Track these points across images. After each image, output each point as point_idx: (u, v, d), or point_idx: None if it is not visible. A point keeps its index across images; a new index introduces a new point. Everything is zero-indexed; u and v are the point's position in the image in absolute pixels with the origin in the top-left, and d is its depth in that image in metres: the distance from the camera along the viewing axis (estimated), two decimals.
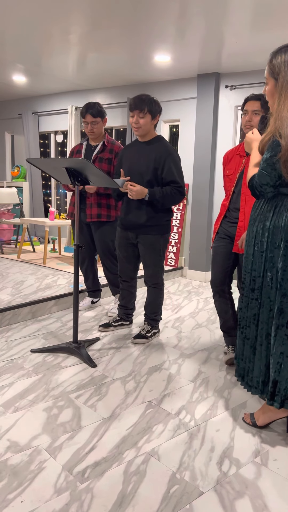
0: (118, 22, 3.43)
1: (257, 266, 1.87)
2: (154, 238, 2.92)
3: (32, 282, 4.23)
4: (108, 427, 2.00)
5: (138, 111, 2.75)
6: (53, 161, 2.61)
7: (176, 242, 5.35)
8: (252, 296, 1.90)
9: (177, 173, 2.81)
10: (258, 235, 1.86)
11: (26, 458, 1.76)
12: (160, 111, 2.85)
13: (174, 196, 2.81)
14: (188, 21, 3.36)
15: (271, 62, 1.77)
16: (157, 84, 5.29)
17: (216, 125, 4.90)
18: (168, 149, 2.81)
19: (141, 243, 2.95)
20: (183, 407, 2.20)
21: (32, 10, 3.25)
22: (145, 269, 3.03)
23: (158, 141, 2.86)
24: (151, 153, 2.82)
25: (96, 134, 3.36)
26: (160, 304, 3.12)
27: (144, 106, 2.74)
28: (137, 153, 2.89)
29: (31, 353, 2.82)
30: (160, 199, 2.78)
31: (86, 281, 3.76)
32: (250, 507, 1.53)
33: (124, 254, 3.08)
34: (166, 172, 2.79)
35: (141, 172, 2.83)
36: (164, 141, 2.88)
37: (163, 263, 3.04)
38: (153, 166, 2.80)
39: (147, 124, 2.79)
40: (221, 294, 2.69)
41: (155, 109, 2.79)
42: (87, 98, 5.94)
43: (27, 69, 4.97)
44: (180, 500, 1.55)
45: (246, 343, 1.96)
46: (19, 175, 6.86)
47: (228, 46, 3.89)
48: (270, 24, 3.36)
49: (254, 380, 1.93)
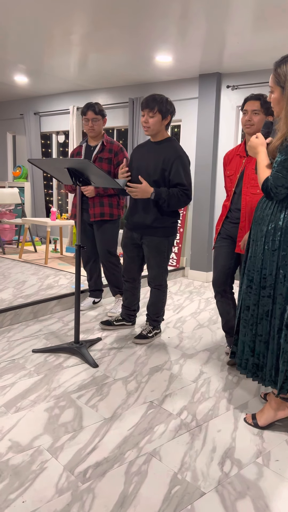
0: (120, 22, 3.43)
1: (268, 264, 1.90)
2: (159, 240, 2.90)
3: (33, 282, 4.23)
4: (110, 427, 2.00)
5: (148, 110, 2.73)
6: (55, 161, 2.61)
7: (178, 242, 5.35)
8: (263, 293, 1.94)
9: (185, 176, 2.78)
10: (269, 234, 1.90)
11: (27, 458, 1.76)
12: (173, 112, 2.81)
13: (180, 198, 2.77)
14: (190, 21, 3.36)
15: (276, 71, 1.84)
16: (158, 84, 5.29)
17: (217, 125, 4.90)
18: (178, 151, 2.78)
19: (146, 245, 2.95)
20: (185, 408, 2.20)
21: (34, 10, 3.25)
22: (149, 270, 3.02)
23: (168, 142, 2.84)
24: (160, 153, 2.80)
25: (96, 132, 3.37)
26: (162, 305, 3.12)
27: (155, 105, 2.71)
28: (146, 153, 2.88)
29: (32, 353, 2.82)
30: (166, 199, 2.75)
31: (89, 280, 3.77)
32: (252, 508, 1.53)
33: (129, 254, 3.07)
34: (173, 174, 2.77)
35: (149, 172, 2.82)
36: (175, 142, 2.85)
37: (167, 265, 3.02)
38: (161, 167, 2.78)
39: (156, 124, 2.76)
40: (223, 294, 2.69)
41: (166, 109, 2.75)
42: (89, 98, 5.94)
43: (29, 69, 4.98)
44: (181, 501, 1.55)
45: (257, 339, 1.98)
46: (20, 175, 6.86)
47: (230, 46, 3.89)
48: (272, 24, 3.35)
49: (267, 373, 1.96)
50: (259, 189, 2.49)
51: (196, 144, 4.99)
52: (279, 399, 2.00)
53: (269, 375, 1.95)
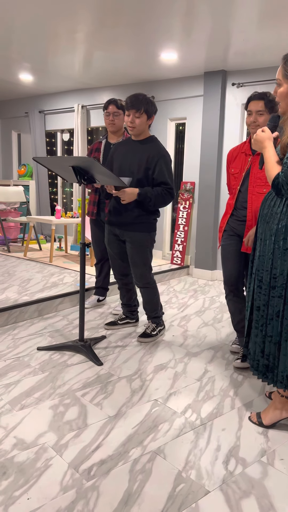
0: (125, 20, 3.42)
1: (279, 264, 1.86)
2: (142, 235, 2.91)
3: (38, 280, 4.24)
4: (114, 425, 2.00)
5: (134, 111, 2.74)
6: (60, 159, 2.61)
7: (183, 241, 5.34)
8: (273, 293, 1.89)
9: (168, 174, 2.83)
10: (279, 232, 1.84)
11: (32, 456, 1.76)
12: (156, 112, 2.85)
13: (165, 197, 2.82)
14: (195, 19, 3.35)
15: (285, 64, 1.80)
16: (163, 82, 5.28)
17: (222, 123, 4.88)
18: (161, 151, 2.81)
19: (129, 241, 2.94)
20: (189, 406, 2.20)
21: (39, 8, 3.25)
22: (133, 269, 3.00)
23: (151, 141, 2.86)
24: (144, 153, 2.82)
25: (117, 126, 3.36)
26: (157, 301, 3.11)
27: (141, 106, 2.72)
28: (129, 151, 2.89)
29: (37, 351, 2.83)
30: (152, 199, 2.79)
31: (98, 276, 3.77)
32: (256, 506, 1.53)
33: (115, 250, 3.07)
34: (157, 173, 2.80)
35: (132, 171, 2.83)
36: (158, 142, 2.89)
37: (151, 261, 3.02)
38: (145, 166, 2.80)
39: (142, 124, 2.78)
40: (236, 293, 2.65)
41: (151, 109, 2.78)
42: (94, 96, 5.94)
43: (33, 67, 4.98)
44: (186, 499, 1.55)
45: (267, 341, 1.94)
46: (25, 174, 6.88)
47: (235, 44, 3.87)
48: (277, 22, 3.33)
49: (279, 375, 1.92)
50: (265, 188, 2.48)
51: (201, 142, 4.98)
52: (284, 399, 1.98)
53: (281, 377, 1.91)
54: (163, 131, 5.41)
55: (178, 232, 5.38)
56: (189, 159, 5.25)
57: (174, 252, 5.39)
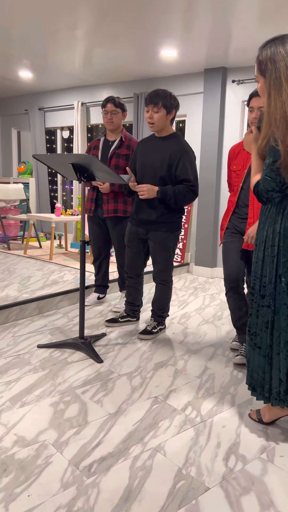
0: (125, 16, 3.41)
1: (268, 271, 1.79)
2: (165, 235, 2.90)
3: (38, 278, 4.24)
4: (114, 422, 2.01)
5: (152, 106, 2.71)
6: (60, 157, 2.61)
7: (183, 238, 5.33)
8: (262, 302, 1.82)
9: (192, 171, 2.77)
10: (268, 239, 1.78)
11: (33, 453, 1.77)
12: (177, 106, 2.79)
13: (186, 195, 2.77)
14: (195, 15, 3.33)
15: (258, 58, 1.66)
16: (163, 79, 5.26)
17: (223, 120, 4.87)
18: (184, 147, 2.76)
19: (152, 240, 2.94)
20: (189, 403, 2.20)
21: (38, 5, 3.24)
22: (154, 266, 3.02)
23: (174, 137, 2.82)
24: (167, 149, 2.78)
25: (115, 125, 3.35)
26: (167, 301, 3.11)
27: (159, 101, 2.69)
28: (152, 148, 2.86)
29: (37, 348, 2.83)
30: (172, 197, 2.75)
31: (97, 274, 3.77)
32: (256, 503, 1.53)
33: (134, 249, 3.06)
34: (180, 170, 2.76)
35: (155, 168, 2.80)
36: (181, 138, 2.83)
37: (173, 260, 3.02)
38: (167, 163, 2.77)
39: (161, 119, 2.74)
40: (236, 290, 2.64)
41: (170, 103, 2.73)
42: (93, 93, 5.93)
43: (33, 64, 4.96)
44: (186, 496, 1.56)
45: (256, 352, 1.87)
46: (25, 171, 6.87)
47: (235, 40, 3.86)
48: (278, 18, 3.32)
49: (273, 391, 1.84)
50: None
51: (201, 139, 4.97)
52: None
53: (275, 393, 1.84)
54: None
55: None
56: None
57: None
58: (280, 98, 1.60)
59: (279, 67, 1.59)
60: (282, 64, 1.59)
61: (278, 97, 1.61)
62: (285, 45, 1.61)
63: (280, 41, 1.62)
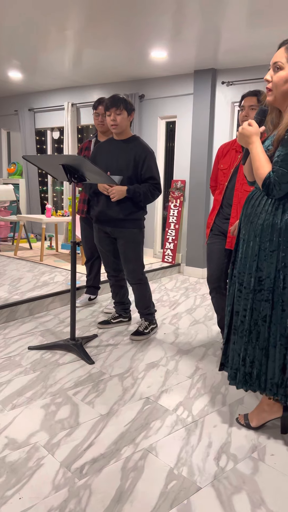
0: (115, 17, 3.41)
1: (266, 266, 1.76)
2: (135, 231, 2.96)
3: (29, 279, 4.22)
4: (106, 423, 2.01)
5: (114, 109, 2.81)
6: (50, 158, 2.60)
7: (174, 239, 5.35)
8: (259, 297, 1.80)
9: (155, 170, 2.92)
10: (265, 233, 1.75)
11: (24, 455, 1.76)
12: (134, 110, 2.93)
13: (153, 192, 2.91)
14: (185, 17, 3.35)
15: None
16: (153, 80, 5.28)
17: (212, 121, 4.89)
18: (147, 148, 2.91)
19: (122, 238, 2.97)
20: (181, 403, 2.21)
21: (28, 5, 3.23)
22: (125, 266, 3.02)
23: (136, 140, 2.93)
24: (131, 151, 2.88)
25: (106, 127, 3.39)
26: (149, 298, 3.12)
27: (120, 103, 2.81)
28: (114, 151, 2.94)
29: (28, 350, 2.82)
30: (141, 194, 2.86)
31: (89, 275, 3.76)
32: (248, 502, 1.54)
33: (106, 248, 3.09)
34: (145, 170, 2.88)
35: (121, 169, 2.88)
36: (141, 140, 2.97)
37: (143, 258, 3.07)
38: (133, 164, 2.87)
39: (124, 120, 2.85)
40: (218, 290, 2.70)
41: (129, 106, 2.87)
42: (84, 94, 5.92)
43: (23, 65, 4.94)
44: (178, 496, 1.56)
45: (251, 346, 1.85)
46: (15, 172, 6.83)
47: (225, 42, 3.88)
48: (266, 20, 3.35)
49: (268, 382, 1.83)
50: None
51: (191, 140, 4.99)
52: (271, 401, 1.95)
53: (270, 385, 1.82)
54: (154, 130, 5.41)
55: (169, 230, 5.39)
56: (180, 158, 5.26)
57: (165, 250, 5.40)
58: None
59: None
60: None
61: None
62: None
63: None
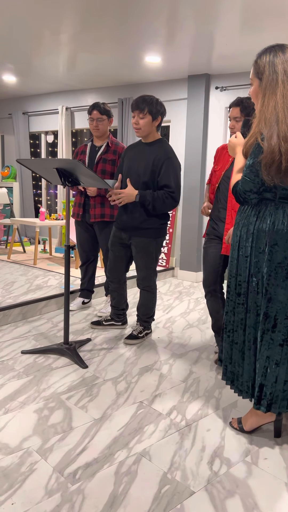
0: (109, 22, 3.43)
1: (242, 271, 1.86)
2: (148, 241, 2.89)
3: (22, 283, 4.20)
4: (99, 428, 2.00)
5: (138, 111, 2.73)
6: (44, 161, 2.60)
7: (167, 243, 5.36)
8: (238, 300, 1.89)
9: (173, 178, 2.76)
10: (242, 239, 1.84)
11: (16, 460, 1.75)
12: (163, 113, 2.80)
13: (166, 201, 2.75)
14: (179, 23, 3.37)
15: (256, 62, 1.75)
16: (147, 85, 5.30)
17: (206, 126, 4.92)
18: (168, 153, 2.77)
19: (134, 245, 2.94)
20: (174, 407, 2.21)
21: (22, 9, 3.23)
22: (137, 272, 3.02)
23: (159, 143, 2.84)
24: (151, 155, 2.79)
25: (101, 131, 3.37)
26: (153, 306, 3.12)
27: (145, 106, 2.71)
28: (138, 153, 2.87)
29: (21, 354, 2.80)
30: (151, 202, 2.75)
31: (83, 279, 3.76)
32: (241, 506, 1.54)
33: (117, 253, 3.06)
34: (161, 175, 2.76)
35: (139, 173, 2.81)
36: (166, 144, 2.85)
37: (156, 266, 3.02)
38: (151, 168, 2.77)
39: (147, 125, 2.75)
40: (213, 293, 2.71)
41: (156, 109, 2.74)
42: (78, 98, 5.93)
43: (17, 68, 4.94)
44: (171, 500, 1.56)
45: (234, 347, 1.94)
46: (9, 176, 6.82)
47: (218, 48, 3.92)
48: (260, 26, 3.38)
49: (244, 384, 1.92)
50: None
51: (186, 144, 5.01)
52: None
53: (246, 387, 1.91)
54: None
55: None
56: None
57: None
58: (274, 98, 1.68)
59: (277, 70, 1.69)
60: (280, 67, 1.69)
61: (272, 97, 1.69)
62: (284, 52, 1.71)
63: (279, 48, 1.72)
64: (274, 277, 1.77)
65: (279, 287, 1.77)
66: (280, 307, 1.79)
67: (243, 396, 1.93)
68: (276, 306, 1.79)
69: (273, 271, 1.77)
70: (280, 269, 1.76)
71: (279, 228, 1.74)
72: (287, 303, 1.79)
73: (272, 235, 1.75)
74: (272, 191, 1.74)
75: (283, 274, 1.77)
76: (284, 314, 1.79)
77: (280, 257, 1.76)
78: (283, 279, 1.77)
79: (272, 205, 1.76)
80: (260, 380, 1.83)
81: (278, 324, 1.80)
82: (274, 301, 1.78)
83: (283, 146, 1.64)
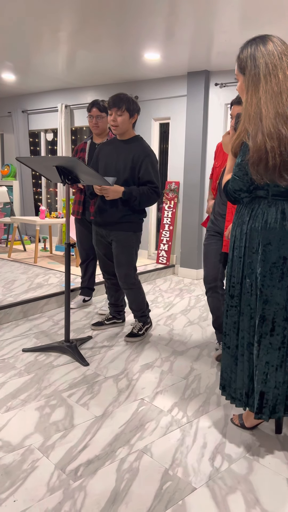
0: (108, 19, 3.42)
1: (236, 272, 1.79)
2: (127, 234, 2.91)
3: (23, 281, 4.21)
4: (101, 425, 2.00)
5: (116, 109, 2.75)
6: (43, 159, 2.60)
7: (168, 240, 5.36)
8: (231, 303, 1.82)
9: (154, 174, 2.83)
10: (236, 240, 1.78)
11: (18, 458, 1.75)
12: (138, 111, 2.85)
13: (150, 196, 2.82)
14: (178, 19, 3.36)
15: (238, 57, 1.66)
16: (147, 82, 5.29)
17: (206, 123, 4.91)
18: (146, 150, 2.82)
19: (115, 240, 2.94)
20: (176, 404, 2.21)
21: (21, 7, 3.22)
22: (117, 270, 2.97)
23: (136, 141, 2.87)
24: (129, 152, 2.82)
25: (101, 129, 3.37)
26: (143, 300, 3.10)
27: (122, 104, 2.74)
28: (115, 151, 2.89)
29: (22, 352, 2.81)
30: (137, 198, 2.79)
31: (83, 277, 3.76)
32: (242, 502, 1.55)
33: (102, 251, 3.07)
34: (143, 172, 2.81)
35: (118, 170, 2.84)
36: (143, 141, 2.89)
37: (136, 262, 3.00)
38: (130, 165, 2.81)
39: (124, 122, 2.79)
40: (214, 290, 2.70)
41: (133, 107, 2.79)
42: (77, 96, 5.92)
43: (16, 67, 4.93)
44: (173, 497, 1.56)
45: (226, 352, 1.86)
46: (9, 174, 6.81)
47: (218, 44, 3.90)
48: (259, 22, 3.37)
49: (237, 392, 1.84)
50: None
51: (185, 141, 5.00)
52: None
53: (239, 395, 1.82)
54: (147, 131, 5.42)
55: (163, 232, 5.40)
56: (174, 159, 5.27)
57: (159, 251, 5.41)
58: (257, 95, 1.61)
59: (258, 64, 1.60)
60: (261, 61, 1.60)
61: (255, 93, 1.61)
62: (265, 44, 1.62)
63: (261, 40, 1.64)
64: (269, 278, 1.69)
65: (275, 288, 1.69)
66: (277, 309, 1.71)
67: (236, 404, 1.85)
68: (273, 308, 1.71)
69: (268, 272, 1.69)
70: (275, 269, 1.68)
71: (272, 227, 1.67)
72: (284, 304, 1.71)
73: (265, 234, 1.68)
74: (265, 188, 1.69)
75: (279, 274, 1.69)
76: (282, 316, 1.71)
77: (275, 256, 1.68)
78: (278, 280, 1.69)
79: (265, 203, 1.70)
80: (261, 388, 1.75)
81: (276, 327, 1.72)
82: (270, 303, 1.70)
83: (268, 143, 1.57)
